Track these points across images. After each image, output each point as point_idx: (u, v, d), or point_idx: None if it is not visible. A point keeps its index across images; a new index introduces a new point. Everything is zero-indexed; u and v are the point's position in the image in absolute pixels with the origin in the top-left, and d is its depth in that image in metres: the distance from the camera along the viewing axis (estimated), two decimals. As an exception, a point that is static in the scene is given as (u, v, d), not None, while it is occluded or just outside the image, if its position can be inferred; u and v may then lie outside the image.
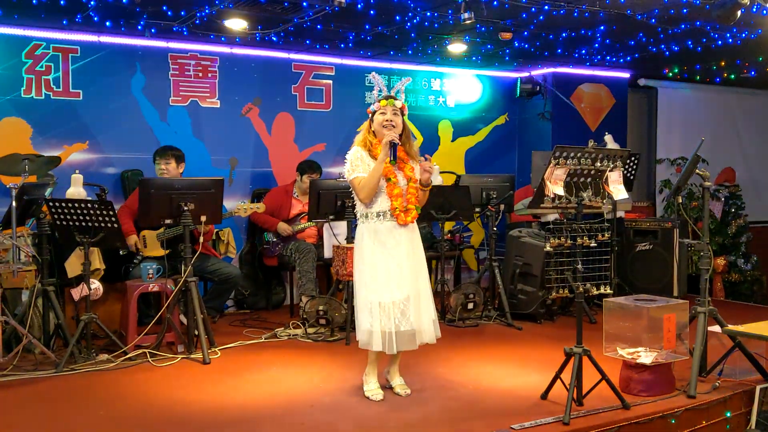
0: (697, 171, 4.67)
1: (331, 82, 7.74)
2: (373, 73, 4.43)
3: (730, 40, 6.87)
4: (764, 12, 5.41)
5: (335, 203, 5.91)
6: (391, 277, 4.19)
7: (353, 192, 4.31)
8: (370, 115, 4.34)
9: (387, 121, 4.19)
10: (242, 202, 6.36)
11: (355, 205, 4.39)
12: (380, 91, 4.36)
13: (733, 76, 9.18)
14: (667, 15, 6.03)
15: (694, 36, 6.84)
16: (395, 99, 4.27)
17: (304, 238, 6.87)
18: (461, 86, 8.62)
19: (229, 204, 6.73)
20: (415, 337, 4.23)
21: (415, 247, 4.32)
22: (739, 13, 5.09)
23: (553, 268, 4.57)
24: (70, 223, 5.04)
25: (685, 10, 5.86)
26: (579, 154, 4.31)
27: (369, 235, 4.25)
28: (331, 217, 5.98)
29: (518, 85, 8.74)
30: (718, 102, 9.94)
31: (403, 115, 4.28)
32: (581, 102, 8.83)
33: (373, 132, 4.29)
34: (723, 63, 8.30)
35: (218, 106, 7.19)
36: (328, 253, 6.28)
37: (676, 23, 6.33)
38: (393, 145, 4.15)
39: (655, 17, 6.10)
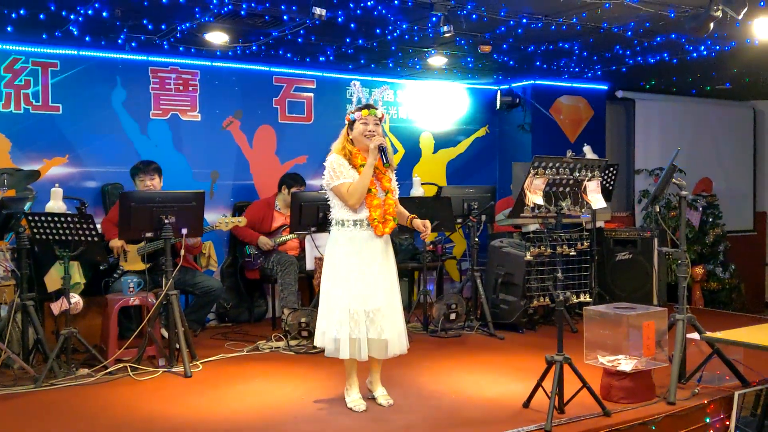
0: (674, 180, 4.72)
1: (312, 95, 7.75)
2: (355, 81, 4.44)
3: (705, 53, 6.96)
4: (737, 24, 5.49)
5: (317, 215, 5.92)
6: (364, 286, 4.19)
7: (332, 200, 4.31)
8: (347, 122, 4.34)
9: (369, 131, 4.21)
10: (223, 215, 6.34)
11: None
12: (359, 98, 4.38)
13: (708, 88, 9.29)
14: (643, 27, 6.10)
15: (670, 48, 6.92)
16: (375, 108, 4.28)
17: (285, 250, 6.86)
18: (442, 98, 8.66)
19: (210, 217, 6.76)
20: (386, 347, 4.23)
21: (388, 259, 4.33)
22: (711, 25, 5.16)
23: (534, 277, 4.64)
24: (50, 236, 5.01)
25: (660, 23, 5.94)
26: (558, 164, 4.35)
27: (345, 242, 4.25)
28: (313, 229, 6.00)
29: (498, 97, 8.80)
30: (694, 113, 10.04)
31: (382, 122, 4.32)
32: (560, 114, 8.90)
33: (351, 140, 4.29)
34: (698, 75, 8.40)
35: (199, 119, 7.19)
36: (310, 265, 6.27)
37: (652, 36, 6.40)
38: (382, 149, 4.16)
39: (631, 30, 6.16)
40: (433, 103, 8.60)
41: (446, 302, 6.48)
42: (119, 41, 6.33)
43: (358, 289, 4.18)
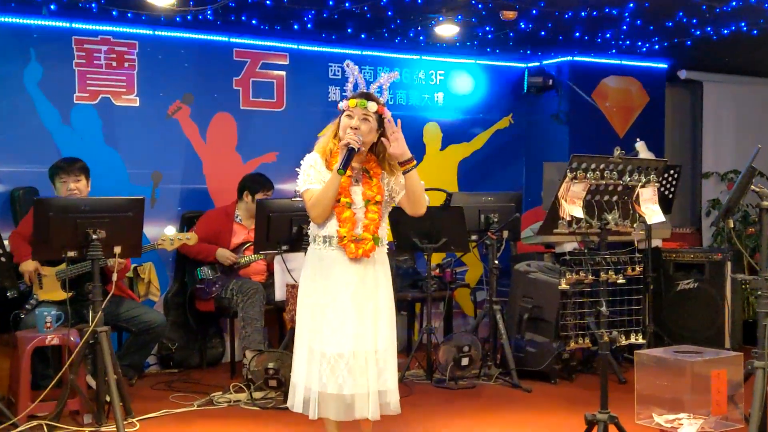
0: (753, 188, 4.73)
1: (284, 73, 7.75)
2: (348, 61, 4.45)
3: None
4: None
5: (290, 229, 5.92)
6: (327, 321, 4.24)
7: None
8: (340, 114, 4.36)
9: (352, 128, 4.24)
10: (169, 229, 6.28)
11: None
12: (356, 84, 4.38)
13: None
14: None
15: (749, 15, 6.89)
16: (369, 99, 4.28)
17: (248, 275, 6.84)
18: (453, 79, 8.66)
19: (151, 232, 6.70)
20: (350, 406, 4.21)
21: (374, 287, 4.35)
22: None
23: (570, 312, 4.66)
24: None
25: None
26: (602, 166, 4.39)
27: (314, 262, 4.34)
28: (284, 247, 5.97)
29: (526, 78, 8.80)
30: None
31: (382, 119, 4.30)
32: (606, 100, 8.90)
33: (340, 138, 4.32)
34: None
35: (137, 104, 7.18)
36: (280, 294, 6.26)
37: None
38: (350, 151, 4.17)
39: (698, -9, 6.19)
40: (442, 85, 8.61)
41: (457, 344, 6.49)
42: (34, 2, 6.32)
43: (318, 325, 4.26)
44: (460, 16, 7.07)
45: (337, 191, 4.24)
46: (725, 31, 7.38)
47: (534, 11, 6.77)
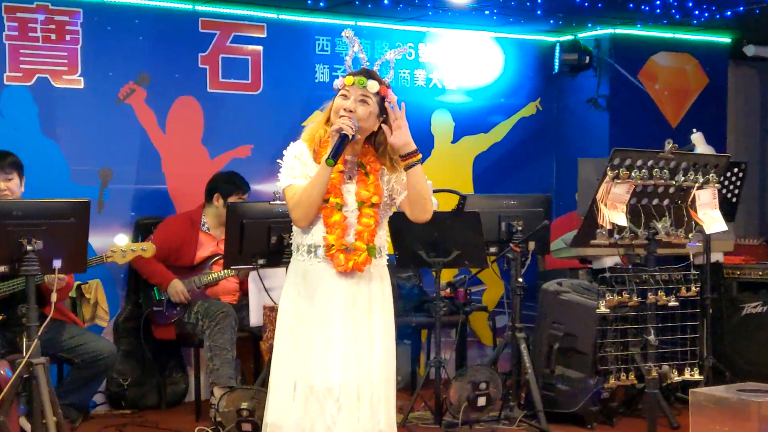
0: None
1: (260, 48, 7.80)
2: (348, 30, 4.38)
3: None
4: None
5: (268, 240, 5.94)
6: (311, 349, 4.23)
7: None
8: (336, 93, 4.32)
9: (345, 109, 4.20)
10: (120, 239, 6.19)
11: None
12: (356, 58, 4.35)
13: None
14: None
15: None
16: (370, 77, 4.24)
17: (217, 295, 6.89)
18: (467, 57, 8.68)
19: (98, 242, 6.69)
20: None
21: (369, 310, 4.33)
22: None
23: (611, 341, 4.66)
24: None
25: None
26: (651, 163, 4.43)
27: (297, 277, 4.33)
28: (260, 261, 6.01)
29: (557, 55, 8.82)
30: None
31: (383, 102, 4.26)
32: (655, 82, 8.91)
33: (332, 123, 4.26)
34: None
35: (81, 86, 7.20)
36: (255, 318, 6.28)
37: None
38: (342, 138, 4.14)
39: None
40: (453, 63, 8.63)
41: (472, 379, 6.47)
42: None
43: (303, 353, 4.25)
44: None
45: (326, 187, 4.20)
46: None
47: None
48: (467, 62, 8.72)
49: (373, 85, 4.21)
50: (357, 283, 4.28)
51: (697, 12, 8.13)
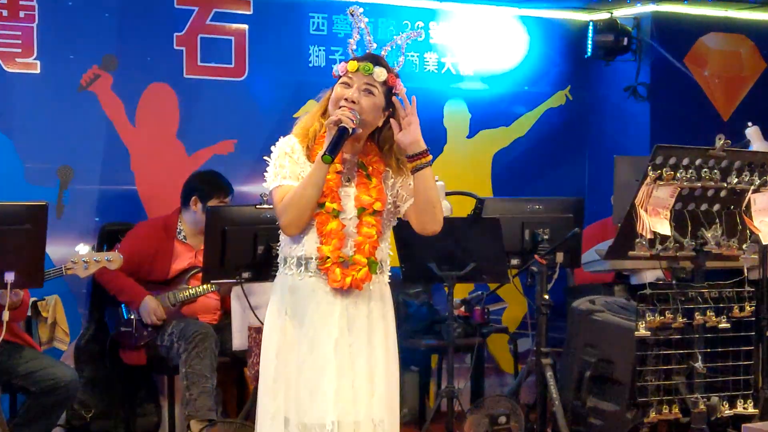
0: None
1: (246, 27, 7.81)
2: (355, 7, 4.32)
3: None
4: None
5: (253, 250, 5.95)
6: (308, 379, 4.20)
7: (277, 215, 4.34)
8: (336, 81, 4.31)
9: (347, 99, 4.18)
10: (82, 248, 6.29)
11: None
12: (360, 40, 4.32)
13: None
14: None
15: None
16: (377, 64, 4.23)
17: (195, 313, 6.89)
18: (485, 38, 8.68)
19: (57, 252, 6.73)
20: None
21: (369, 333, 4.32)
22: None
23: (652, 369, 4.66)
24: None
25: None
26: (699, 162, 4.46)
27: (282, 295, 4.32)
28: (245, 275, 6.02)
29: (590, 36, 8.79)
30: None
31: (391, 93, 4.25)
32: (704, 67, 8.92)
33: (330, 115, 4.24)
34: None
35: (38, 71, 7.19)
36: (239, 341, 6.33)
37: None
38: (342, 132, 4.11)
39: None
40: (469, 45, 8.64)
41: (489, 412, 6.48)
42: None
43: (292, 384, 4.23)
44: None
45: (321, 189, 4.17)
46: None
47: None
48: (485, 44, 8.70)
49: (380, 73, 4.19)
50: (354, 303, 4.27)
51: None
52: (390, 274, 4.40)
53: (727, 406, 4.60)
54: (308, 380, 4.17)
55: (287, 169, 4.23)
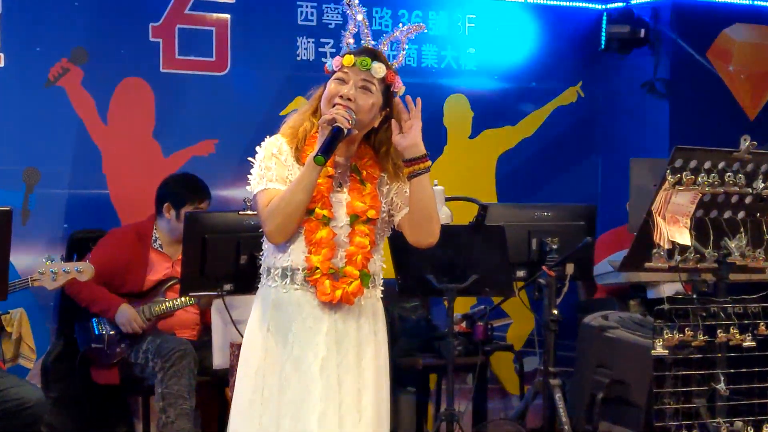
0: None
1: (228, 17, 7.76)
2: None
3: None
4: None
5: (236, 259, 5.90)
6: (291, 401, 4.17)
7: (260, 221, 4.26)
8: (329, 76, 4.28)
9: (342, 96, 4.14)
10: (49, 258, 6.20)
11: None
12: (357, 33, 4.27)
13: None
14: None
15: None
16: (375, 59, 4.18)
17: (173, 329, 6.89)
18: (489, 29, 8.62)
19: (22, 261, 6.74)
20: None
21: (361, 351, 4.28)
22: None
23: (671, 391, 4.84)
24: None
25: None
26: (722, 165, 4.48)
27: (264, 309, 4.27)
28: (227, 287, 5.99)
29: (604, 27, 8.75)
30: None
31: (390, 94, 4.22)
32: (728, 62, 8.87)
33: (323, 113, 4.25)
34: None
35: (1, 64, 7.18)
36: (220, 358, 6.33)
37: None
38: (335, 132, 4.02)
39: None
40: (471, 37, 8.57)
41: (494, 437, 6.43)
42: None
43: (273, 408, 4.17)
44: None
45: (311, 194, 4.14)
46: None
47: None
48: (490, 36, 8.67)
49: (379, 69, 4.19)
50: (343, 318, 4.26)
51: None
52: (382, 288, 4.41)
53: (752, 431, 4.67)
54: (291, 402, 4.19)
55: (273, 171, 4.23)
